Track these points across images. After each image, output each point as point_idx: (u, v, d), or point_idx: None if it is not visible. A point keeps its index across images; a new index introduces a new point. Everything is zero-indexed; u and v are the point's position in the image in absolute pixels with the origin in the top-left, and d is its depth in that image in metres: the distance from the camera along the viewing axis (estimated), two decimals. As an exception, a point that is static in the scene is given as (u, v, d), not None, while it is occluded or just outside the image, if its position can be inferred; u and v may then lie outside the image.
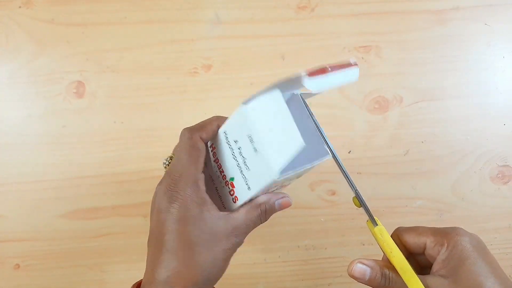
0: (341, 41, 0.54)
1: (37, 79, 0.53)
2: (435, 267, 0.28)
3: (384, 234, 0.29)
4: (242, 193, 0.31)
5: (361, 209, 0.51)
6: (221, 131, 0.32)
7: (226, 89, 0.53)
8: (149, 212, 0.31)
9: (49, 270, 0.52)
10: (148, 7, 0.54)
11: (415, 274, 0.27)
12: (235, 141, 0.31)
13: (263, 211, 0.31)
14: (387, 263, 0.29)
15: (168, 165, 0.31)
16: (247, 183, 0.31)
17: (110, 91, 0.53)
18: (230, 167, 0.31)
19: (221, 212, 0.29)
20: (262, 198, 0.31)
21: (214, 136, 0.32)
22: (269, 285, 0.51)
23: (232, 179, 0.32)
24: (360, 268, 0.29)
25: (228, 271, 0.52)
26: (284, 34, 0.54)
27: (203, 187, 0.29)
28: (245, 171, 0.30)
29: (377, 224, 0.30)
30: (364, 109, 0.53)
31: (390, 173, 0.52)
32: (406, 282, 0.27)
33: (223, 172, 0.32)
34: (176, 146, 0.31)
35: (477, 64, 0.54)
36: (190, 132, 0.30)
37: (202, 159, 0.30)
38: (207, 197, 0.29)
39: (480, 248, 0.27)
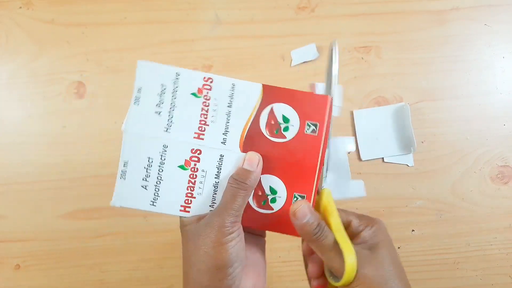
0: (341, 41, 0.54)
1: (37, 79, 0.53)
2: (358, 240, 0.32)
3: (329, 196, 0.33)
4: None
5: (360, 207, 0.51)
6: None
7: (226, 89, 0.53)
8: (148, 213, 0.31)
9: (49, 270, 0.52)
10: (148, 7, 0.54)
11: (347, 237, 0.30)
12: None
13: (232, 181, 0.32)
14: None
15: None
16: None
17: (111, 92, 0.53)
18: None
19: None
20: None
21: None
22: (269, 285, 0.51)
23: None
24: (304, 210, 0.30)
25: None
26: (284, 34, 0.54)
27: None
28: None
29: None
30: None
31: (390, 173, 0.52)
32: (337, 239, 0.30)
33: None
34: None
35: (477, 64, 0.54)
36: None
37: None
38: None
39: (390, 238, 0.32)
